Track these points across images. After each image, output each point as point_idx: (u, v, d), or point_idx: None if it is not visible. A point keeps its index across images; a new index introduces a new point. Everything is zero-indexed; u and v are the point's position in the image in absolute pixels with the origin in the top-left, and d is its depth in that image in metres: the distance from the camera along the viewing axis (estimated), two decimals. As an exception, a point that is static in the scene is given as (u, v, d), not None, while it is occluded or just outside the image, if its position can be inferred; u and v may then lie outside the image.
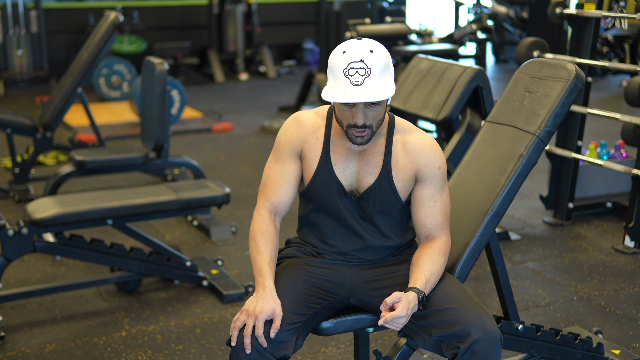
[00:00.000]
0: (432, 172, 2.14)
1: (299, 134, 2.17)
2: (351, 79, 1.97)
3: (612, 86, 9.26)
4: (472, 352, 1.95)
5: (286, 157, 2.17)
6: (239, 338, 1.96)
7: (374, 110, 2.03)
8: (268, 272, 2.06)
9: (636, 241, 4.07)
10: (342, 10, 8.01)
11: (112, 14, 4.92)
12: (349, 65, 1.97)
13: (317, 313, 2.11)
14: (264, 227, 2.14)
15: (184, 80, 9.58)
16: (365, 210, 2.15)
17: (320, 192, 2.15)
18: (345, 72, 1.97)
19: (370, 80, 1.97)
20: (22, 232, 3.20)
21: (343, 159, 2.14)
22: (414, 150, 2.13)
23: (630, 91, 4.21)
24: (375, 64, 1.97)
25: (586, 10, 4.29)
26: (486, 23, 7.57)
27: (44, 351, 3.06)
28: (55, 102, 4.86)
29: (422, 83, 4.03)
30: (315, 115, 2.20)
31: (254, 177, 5.59)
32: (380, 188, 2.13)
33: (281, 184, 2.17)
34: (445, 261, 2.14)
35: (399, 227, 2.21)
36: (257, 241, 2.12)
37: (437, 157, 2.14)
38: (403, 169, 2.13)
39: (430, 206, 2.15)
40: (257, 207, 2.19)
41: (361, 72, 1.96)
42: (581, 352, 2.62)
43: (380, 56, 2.00)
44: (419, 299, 2.01)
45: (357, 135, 2.04)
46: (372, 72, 1.97)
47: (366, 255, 2.19)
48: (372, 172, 2.13)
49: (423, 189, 2.15)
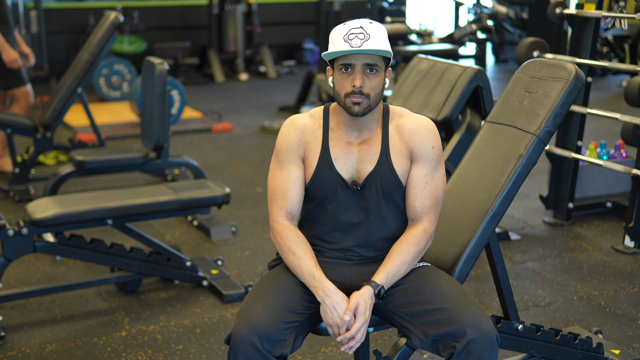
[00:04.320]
0: (426, 151, 2.15)
1: (299, 137, 2.18)
2: (351, 42, 2.04)
3: (612, 86, 9.27)
4: (468, 352, 1.95)
5: (289, 162, 2.18)
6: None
7: (372, 78, 2.07)
8: (320, 274, 2.07)
9: (636, 241, 4.07)
10: (342, 10, 8.01)
11: (112, 14, 4.92)
12: (348, 31, 2.05)
13: (316, 312, 2.11)
14: (292, 233, 2.14)
15: (184, 80, 9.58)
16: (368, 199, 2.16)
17: (322, 188, 2.16)
18: (345, 37, 2.05)
19: (370, 44, 2.03)
20: (22, 232, 3.20)
21: (343, 153, 2.16)
22: (407, 129, 2.16)
23: (630, 91, 4.21)
24: (374, 31, 2.05)
25: (586, 10, 4.29)
26: (486, 23, 7.58)
27: (44, 351, 3.06)
28: (55, 102, 4.86)
29: (422, 83, 4.03)
30: (311, 117, 2.21)
31: (254, 177, 5.59)
32: (381, 173, 2.14)
33: (290, 189, 2.17)
34: (419, 250, 2.14)
35: (403, 216, 2.21)
36: (294, 250, 2.12)
37: (431, 135, 2.17)
38: (400, 150, 2.16)
39: (421, 187, 2.16)
40: (274, 217, 2.18)
41: (360, 37, 2.04)
42: (581, 352, 2.62)
43: (379, 27, 2.08)
44: (374, 292, 2.05)
45: (355, 102, 2.07)
46: (372, 37, 2.04)
47: (367, 251, 2.20)
48: (371, 160, 2.15)
49: (416, 169, 2.16)
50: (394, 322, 2.14)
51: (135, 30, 9.52)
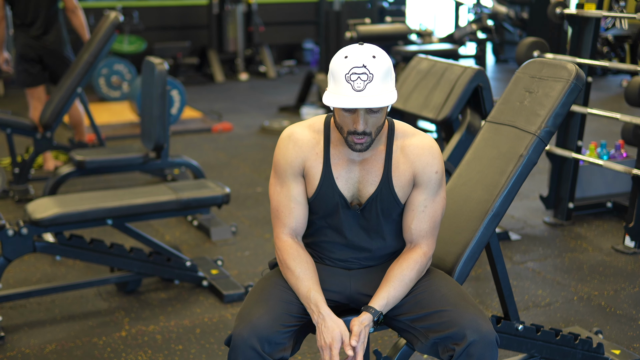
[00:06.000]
0: (429, 176, 2.11)
1: (298, 153, 2.12)
2: (353, 84, 1.94)
3: (612, 86, 9.26)
4: (467, 355, 1.94)
5: (289, 179, 2.13)
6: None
7: (374, 116, 2.00)
8: (318, 297, 2.04)
9: (636, 241, 4.07)
10: (342, 10, 8.01)
11: (112, 14, 4.92)
12: (350, 70, 1.94)
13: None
14: (293, 252, 2.11)
15: (184, 80, 9.57)
16: (368, 219, 2.13)
17: (324, 206, 2.13)
18: (347, 77, 1.94)
19: (372, 86, 1.94)
20: (22, 232, 3.19)
21: (345, 171, 2.11)
22: (412, 153, 2.11)
23: (630, 91, 4.20)
24: (378, 70, 1.95)
25: (586, 10, 4.28)
26: (486, 23, 7.58)
27: (44, 351, 3.05)
28: (55, 102, 4.85)
29: (422, 83, 4.03)
30: (310, 129, 2.14)
31: (254, 177, 5.59)
32: (382, 196, 2.11)
33: (293, 207, 2.13)
34: (418, 275, 2.12)
35: (401, 231, 2.20)
36: (293, 269, 2.09)
37: (435, 160, 2.11)
38: (403, 174, 2.11)
39: (419, 211, 2.13)
40: (277, 234, 2.16)
41: (363, 78, 1.93)
42: (581, 352, 2.62)
43: (383, 62, 1.97)
44: (374, 319, 2.03)
45: (357, 143, 2.01)
46: (374, 77, 1.94)
47: (367, 261, 2.19)
48: (373, 182, 2.11)
49: (417, 194, 2.13)
50: (394, 327, 2.14)
51: (135, 30, 9.51)
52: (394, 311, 2.10)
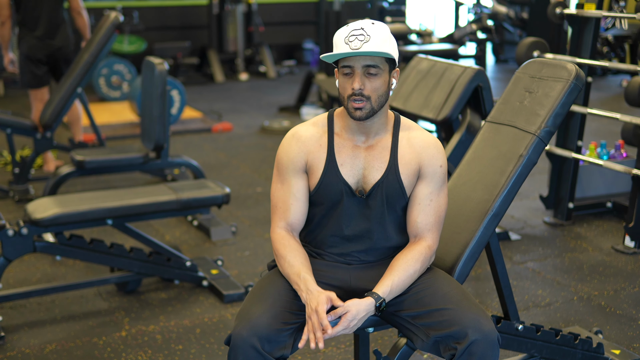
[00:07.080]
0: (434, 169, 2.14)
1: (301, 149, 2.15)
2: (350, 45, 2.01)
3: (612, 86, 9.26)
4: (469, 353, 1.94)
5: (291, 176, 2.15)
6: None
7: (373, 80, 2.04)
8: (308, 278, 2.04)
9: (636, 241, 4.07)
10: (342, 10, 8.01)
11: (112, 14, 4.92)
12: (350, 33, 2.02)
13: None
14: (286, 242, 2.13)
15: (184, 80, 9.58)
16: (373, 208, 2.14)
17: (328, 195, 2.14)
18: (345, 39, 2.02)
19: (369, 45, 2.00)
20: (22, 232, 3.19)
21: (349, 158, 2.13)
22: (419, 145, 2.14)
23: (630, 91, 4.21)
24: (375, 33, 2.01)
25: (586, 10, 4.29)
26: (486, 23, 7.58)
27: (44, 351, 3.06)
28: (55, 102, 4.86)
29: (422, 83, 4.03)
30: (314, 126, 2.18)
31: (254, 177, 5.59)
32: (388, 182, 2.12)
33: (292, 203, 2.15)
34: (422, 268, 2.12)
35: (402, 226, 2.20)
36: (285, 256, 2.10)
37: (440, 155, 2.16)
38: (409, 163, 2.13)
39: (425, 204, 2.15)
40: (273, 228, 2.18)
41: (360, 38, 2.00)
42: (581, 352, 2.62)
43: (381, 28, 2.04)
44: (376, 305, 2.02)
45: (356, 107, 2.05)
46: (372, 38, 2.00)
47: (367, 256, 2.19)
48: (379, 168, 2.13)
49: (422, 187, 2.15)
50: (395, 324, 2.14)
51: (135, 30, 9.51)
52: (395, 307, 2.09)
